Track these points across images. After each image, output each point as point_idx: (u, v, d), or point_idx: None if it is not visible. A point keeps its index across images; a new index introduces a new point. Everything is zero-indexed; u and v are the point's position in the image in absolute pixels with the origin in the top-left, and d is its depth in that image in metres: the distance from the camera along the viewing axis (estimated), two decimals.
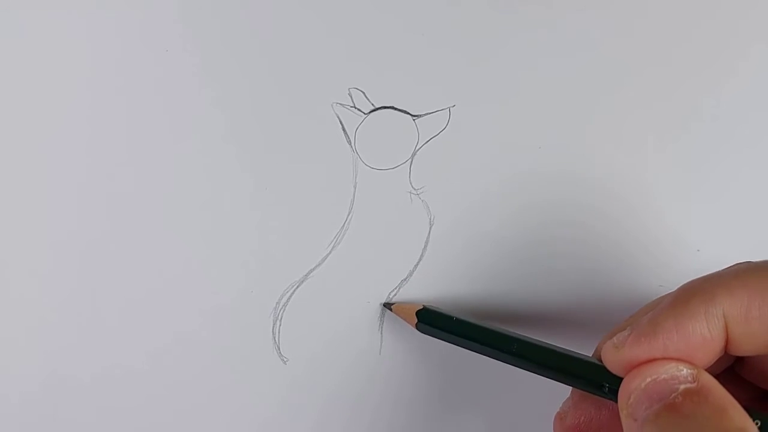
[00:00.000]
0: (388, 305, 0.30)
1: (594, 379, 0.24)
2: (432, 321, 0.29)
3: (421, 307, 0.29)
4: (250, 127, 0.29)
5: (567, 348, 0.26)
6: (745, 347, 0.22)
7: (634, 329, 0.22)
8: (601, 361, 0.23)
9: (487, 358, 0.27)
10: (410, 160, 0.31)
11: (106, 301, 0.30)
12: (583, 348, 0.30)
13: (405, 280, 0.31)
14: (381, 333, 0.31)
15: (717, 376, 0.22)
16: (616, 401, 0.22)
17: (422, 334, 0.30)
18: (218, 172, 0.30)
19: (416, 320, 0.29)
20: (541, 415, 0.28)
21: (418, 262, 0.31)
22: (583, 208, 0.31)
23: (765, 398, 0.25)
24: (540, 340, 0.26)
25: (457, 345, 0.28)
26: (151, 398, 0.30)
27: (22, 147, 0.29)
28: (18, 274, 0.29)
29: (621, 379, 0.22)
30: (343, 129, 0.30)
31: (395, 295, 0.31)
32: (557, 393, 0.26)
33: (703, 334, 0.21)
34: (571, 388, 0.26)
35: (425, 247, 0.31)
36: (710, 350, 0.22)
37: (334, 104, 0.30)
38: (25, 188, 0.29)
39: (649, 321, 0.22)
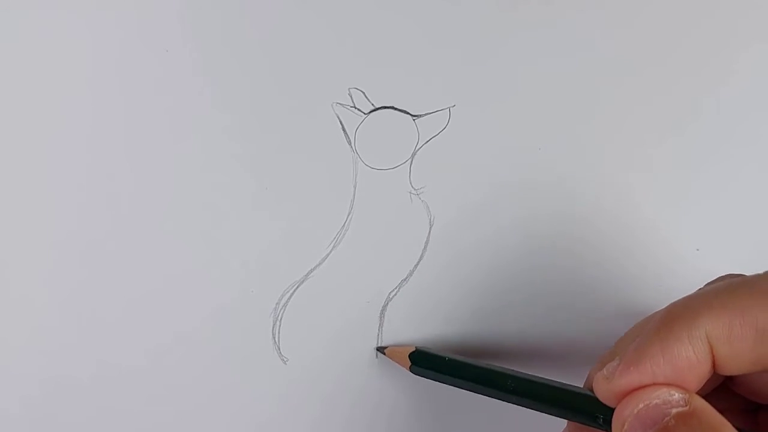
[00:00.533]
0: (381, 349, 0.31)
1: (588, 411, 0.24)
2: (425, 363, 0.29)
3: (413, 349, 0.30)
4: (250, 127, 0.29)
5: (565, 351, 0.26)
6: (731, 367, 0.22)
7: (622, 358, 0.22)
8: (593, 392, 0.24)
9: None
10: (410, 160, 0.31)
11: (106, 301, 0.29)
12: (582, 348, 0.30)
13: (405, 280, 0.31)
14: (381, 333, 0.31)
15: (710, 393, 0.22)
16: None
17: (423, 335, 0.30)
18: (218, 172, 0.30)
19: (410, 363, 0.29)
20: None
21: (418, 262, 0.31)
22: (582, 208, 0.31)
23: (756, 410, 0.25)
24: (534, 375, 0.26)
25: (452, 385, 0.28)
26: (151, 398, 0.30)
27: (22, 147, 0.29)
28: (18, 274, 0.29)
29: (613, 410, 0.23)
30: (343, 129, 0.30)
31: (395, 295, 0.31)
32: (553, 426, 0.26)
33: (689, 358, 0.21)
34: (566, 421, 0.26)
35: (425, 247, 0.31)
36: (698, 373, 0.22)
37: (334, 104, 0.30)
38: (25, 188, 0.29)
39: (635, 349, 0.22)
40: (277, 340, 0.31)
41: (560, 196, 0.31)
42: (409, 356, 0.29)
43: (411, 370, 0.29)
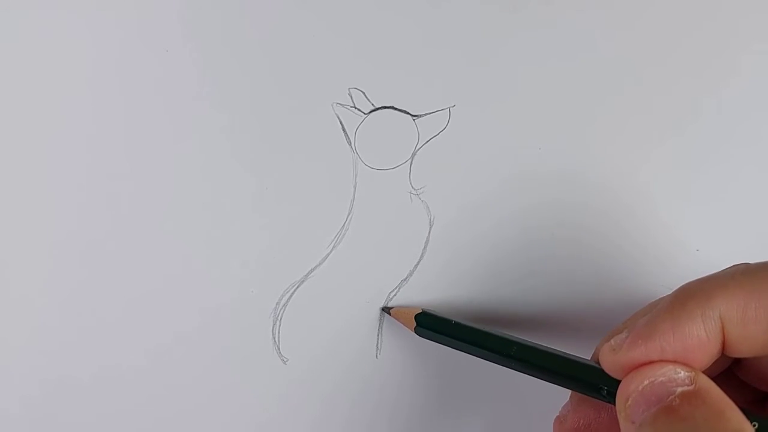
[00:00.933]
0: (386, 309, 0.30)
1: (592, 382, 0.24)
2: (430, 325, 0.29)
3: (420, 311, 0.29)
4: (251, 127, 0.29)
5: (565, 351, 0.26)
6: (742, 349, 0.22)
7: (631, 331, 0.22)
8: (599, 364, 0.23)
9: (486, 361, 0.27)
10: (410, 160, 0.31)
11: (106, 301, 0.29)
12: (581, 350, 0.30)
13: (405, 280, 0.31)
14: (381, 333, 0.31)
15: (714, 379, 0.22)
16: (615, 404, 0.22)
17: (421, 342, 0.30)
18: (218, 172, 0.30)
19: (415, 324, 0.29)
20: (539, 418, 0.28)
21: (418, 262, 0.31)
22: (582, 209, 0.31)
23: (763, 400, 0.25)
24: (538, 343, 0.26)
25: (456, 349, 0.28)
26: (151, 398, 0.30)
27: (22, 147, 0.29)
28: (18, 274, 0.29)
29: (619, 382, 0.22)
30: (343, 129, 0.30)
31: (395, 295, 0.31)
32: (556, 397, 0.26)
33: (700, 336, 0.21)
34: (570, 391, 0.26)
35: (425, 247, 0.31)
36: (707, 352, 0.22)
37: (334, 104, 0.30)
38: (25, 188, 0.29)
39: (646, 323, 0.22)
40: (277, 340, 0.31)
41: (560, 197, 0.31)
42: (415, 317, 0.29)
43: (416, 331, 0.29)
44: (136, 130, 0.29)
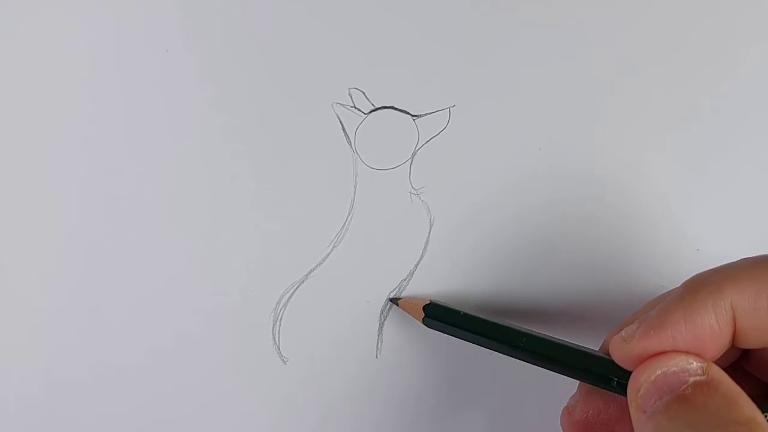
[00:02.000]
0: (394, 300, 0.30)
1: (602, 373, 0.24)
2: (439, 316, 0.29)
3: (428, 301, 0.29)
4: (251, 127, 0.29)
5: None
6: (752, 339, 0.22)
7: (642, 322, 0.22)
8: (608, 355, 0.23)
9: (491, 354, 0.27)
10: (410, 160, 0.31)
11: (106, 301, 0.30)
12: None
13: (405, 280, 0.31)
14: (381, 333, 0.31)
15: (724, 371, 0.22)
16: (624, 395, 0.22)
17: (423, 333, 0.30)
18: (218, 172, 0.30)
19: (423, 315, 0.29)
20: (547, 410, 0.28)
21: (418, 262, 0.31)
22: (582, 209, 0.31)
23: None
24: (547, 334, 0.26)
25: (464, 339, 0.28)
26: (151, 398, 0.30)
27: (22, 147, 0.29)
28: (18, 274, 0.29)
29: (629, 373, 0.22)
30: (343, 129, 0.30)
31: (395, 295, 0.31)
32: (564, 387, 0.26)
33: (711, 326, 0.21)
34: (578, 382, 0.26)
35: (425, 247, 0.31)
36: (718, 342, 0.22)
37: (334, 104, 0.30)
38: (25, 188, 0.29)
39: (657, 313, 0.22)
40: (277, 340, 0.31)
41: (560, 196, 0.31)
42: (423, 308, 0.29)
43: (424, 322, 0.29)
44: (135, 129, 0.29)
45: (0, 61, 0.28)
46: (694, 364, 0.21)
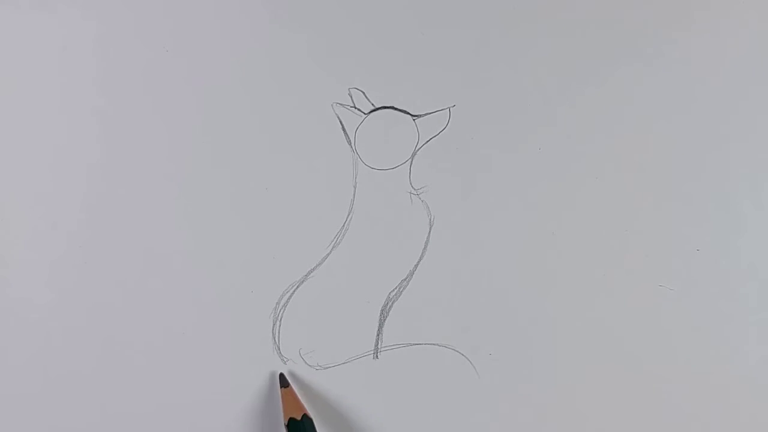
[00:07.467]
0: (283, 379, 0.30)
1: None
2: None
3: (301, 416, 0.29)
4: (251, 127, 0.29)
5: (564, 348, 0.25)
6: None
7: None
8: None
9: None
10: (410, 160, 0.31)
11: (106, 301, 0.30)
12: (580, 348, 0.30)
13: (405, 280, 0.31)
14: (381, 333, 0.31)
15: None
16: None
17: (423, 333, 0.29)
18: (218, 172, 0.30)
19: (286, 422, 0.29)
20: (541, 412, 0.28)
21: (418, 262, 0.31)
22: (582, 209, 0.31)
23: None
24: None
25: None
26: (151, 397, 0.30)
27: (22, 147, 0.29)
28: (18, 273, 0.29)
29: None
30: (343, 129, 0.30)
31: (395, 295, 0.31)
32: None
33: None
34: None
35: (425, 247, 0.31)
36: None
37: (334, 104, 0.30)
38: (25, 188, 0.29)
39: None
40: (277, 340, 0.31)
41: (560, 196, 0.31)
42: (287, 422, 0.29)
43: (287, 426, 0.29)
44: (135, 129, 0.29)
45: (0, 61, 0.28)
46: None
